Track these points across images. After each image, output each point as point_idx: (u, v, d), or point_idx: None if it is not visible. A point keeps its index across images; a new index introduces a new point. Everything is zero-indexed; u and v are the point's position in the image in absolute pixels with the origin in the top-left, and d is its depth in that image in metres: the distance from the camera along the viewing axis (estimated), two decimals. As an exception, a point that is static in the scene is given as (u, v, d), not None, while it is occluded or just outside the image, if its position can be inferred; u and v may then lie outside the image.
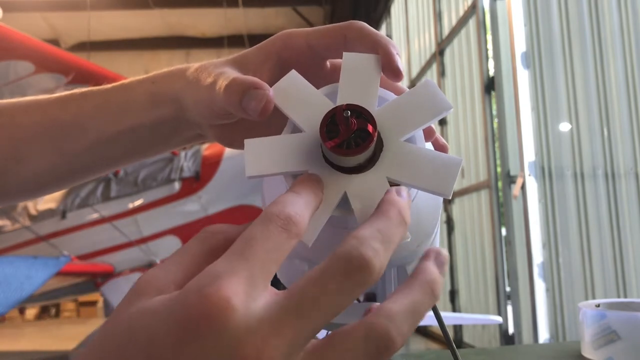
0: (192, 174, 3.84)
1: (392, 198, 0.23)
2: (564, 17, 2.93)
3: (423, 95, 0.27)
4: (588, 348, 0.59)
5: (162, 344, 0.19)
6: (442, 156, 0.25)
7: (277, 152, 0.25)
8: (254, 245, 0.20)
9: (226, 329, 0.18)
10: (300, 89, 0.27)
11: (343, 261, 0.20)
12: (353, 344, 0.20)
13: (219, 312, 0.18)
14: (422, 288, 0.22)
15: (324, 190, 0.24)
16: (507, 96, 3.11)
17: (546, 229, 2.76)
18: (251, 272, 0.20)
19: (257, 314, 0.19)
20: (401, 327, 0.20)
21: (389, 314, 0.20)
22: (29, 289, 3.08)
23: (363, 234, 0.21)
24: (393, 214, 0.22)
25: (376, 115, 0.25)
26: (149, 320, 0.19)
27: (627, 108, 2.86)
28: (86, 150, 0.41)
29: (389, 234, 0.21)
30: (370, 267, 0.20)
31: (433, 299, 0.22)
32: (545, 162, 2.81)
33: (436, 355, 0.65)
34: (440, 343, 4.13)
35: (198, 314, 0.18)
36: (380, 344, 0.20)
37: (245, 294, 0.19)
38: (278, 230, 0.21)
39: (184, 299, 0.19)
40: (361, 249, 0.20)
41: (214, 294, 0.19)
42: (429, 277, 0.22)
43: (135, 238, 3.89)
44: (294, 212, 0.22)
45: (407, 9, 5.10)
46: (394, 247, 0.22)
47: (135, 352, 0.19)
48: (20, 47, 3.14)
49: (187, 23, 8.05)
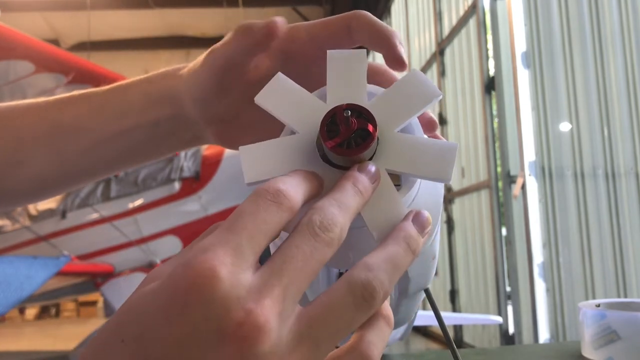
0: (192, 174, 3.83)
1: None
2: (564, 16, 2.93)
3: (411, 85, 0.27)
4: (588, 348, 0.59)
5: (154, 318, 0.19)
6: (438, 143, 0.25)
7: (274, 155, 0.25)
8: (242, 218, 0.21)
9: (214, 299, 0.18)
10: (289, 90, 0.27)
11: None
12: (339, 299, 0.20)
13: (205, 281, 0.18)
14: (397, 242, 0.23)
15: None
16: (507, 96, 3.11)
17: (546, 228, 2.76)
18: (238, 243, 0.20)
19: (246, 283, 0.19)
20: (379, 275, 0.21)
21: (366, 265, 0.21)
22: (29, 289, 3.08)
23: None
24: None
25: (369, 109, 0.25)
26: (143, 298, 0.20)
27: (627, 108, 2.86)
28: (84, 152, 0.41)
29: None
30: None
31: (409, 253, 0.23)
32: (545, 162, 2.81)
33: (436, 355, 0.65)
34: (440, 343, 4.13)
35: (185, 286, 0.19)
36: (365, 293, 0.21)
37: (232, 265, 0.19)
38: (267, 203, 0.21)
39: (172, 272, 0.19)
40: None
41: (199, 265, 0.19)
42: (403, 232, 0.23)
43: (135, 238, 3.89)
44: (284, 187, 0.22)
45: (407, 9, 5.10)
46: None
47: (130, 331, 0.19)
48: (20, 47, 3.14)
49: (187, 23, 8.05)
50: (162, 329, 0.19)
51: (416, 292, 0.31)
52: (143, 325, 0.19)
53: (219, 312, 0.18)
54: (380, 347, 0.22)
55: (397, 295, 0.31)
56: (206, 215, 3.76)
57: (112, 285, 3.89)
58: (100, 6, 7.15)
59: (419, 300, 0.35)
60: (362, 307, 0.21)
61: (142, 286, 0.21)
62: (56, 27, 7.94)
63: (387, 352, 0.54)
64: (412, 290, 0.31)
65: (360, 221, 0.25)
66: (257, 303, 0.19)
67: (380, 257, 0.22)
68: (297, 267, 0.20)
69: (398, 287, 0.31)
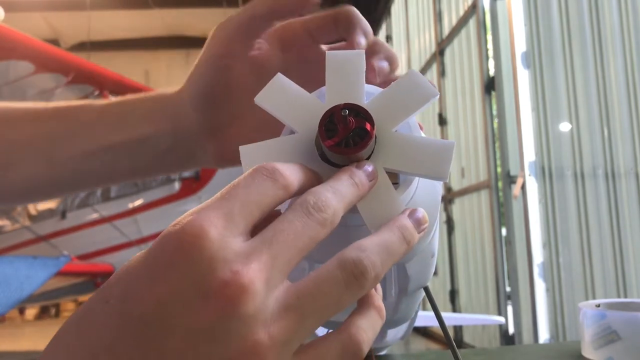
0: (192, 174, 3.84)
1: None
2: (564, 16, 2.93)
3: (409, 85, 0.27)
4: (588, 348, 0.59)
5: (138, 277, 0.19)
6: (435, 141, 0.26)
7: (273, 155, 0.26)
8: (235, 188, 0.21)
9: (200, 258, 0.18)
10: (288, 91, 0.28)
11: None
12: (329, 274, 0.21)
13: (193, 240, 0.18)
14: (391, 230, 0.23)
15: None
16: (507, 96, 3.11)
17: (546, 229, 2.76)
18: (230, 209, 0.20)
19: (235, 248, 0.19)
20: (371, 256, 0.21)
21: (359, 246, 0.22)
22: (29, 289, 3.08)
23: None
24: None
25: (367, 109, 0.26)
26: (132, 261, 0.20)
27: (627, 108, 2.86)
28: (75, 161, 0.41)
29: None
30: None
31: (403, 243, 0.23)
32: (545, 162, 2.81)
33: (436, 355, 0.65)
34: (440, 343, 4.13)
35: (172, 244, 0.19)
36: (355, 270, 0.21)
37: (223, 227, 0.19)
38: (262, 177, 0.21)
39: (162, 234, 0.19)
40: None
41: (188, 224, 0.19)
42: (399, 223, 0.23)
43: (135, 238, 3.89)
44: (281, 167, 0.22)
45: (407, 9, 5.10)
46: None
47: (115, 292, 0.19)
48: (20, 47, 3.14)
49: (187, 23, 8.05)
50: (145, 287, 0.18)
51: (416, 290, 0.32)
52: (127, 284, 0.19)
53: (204, 272, 0.18)
54: (369, 334, 0.22)
55: (397, 293, 0.31)
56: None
57: (112, 285, 3.89)
58: (100, 6, 7.15)
59: (419, 299, 0.35)
60: (352, 285, 0.21)
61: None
62: (56, 27, 7.94)
63: (387, 352, 0.54)
64: (412, 288, 0.31)
65: (358, 219, 0.25)
66: (244, 265, 0.19)
67: (374, 240, 0.22)
68: (288, 240, 0.20)
69: (398, 285, 0.31)
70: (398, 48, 5.50)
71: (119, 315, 0.19)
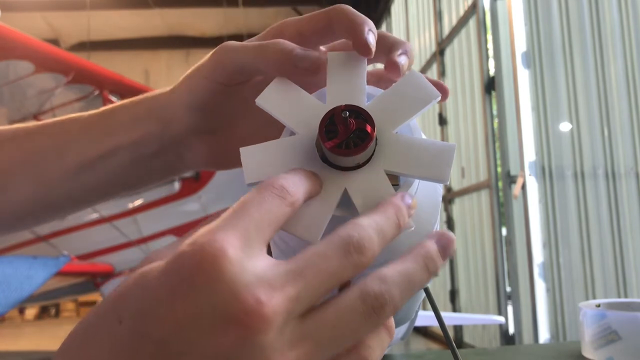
0: (192, 174, 3.83)
1: (394, 201, 0.24)
2: (564, 16, 2.93)
3: (410, 86, 0.27)
4: (588, 348, 0.59)
5: (155, 297, 0.18)
6: (436, 143, 0.26)
7: (274, 156, 0.25)
8: (248, 207, 0.21)
9: (222, 280, 0.18)
10: (289, 92, 0.28)
11: (344, 240, 0.21)
12: (349, 305, 0.20)
13: (213, 260, 0.18)
14: (416, 260, 0.22)
15: (324, 188, 0.25)
16: (507, 96, 3.11)
17: (546, 228, 2.76)
18: (246, 229, 0.20)
19: (256, 271, 0.19)
20: (393, 289, 0.21)
21: (381, 277, 0.21)
22: (29, 289, 3.08)
23: (362, 222, 0.22)
24: (390, 213, 0.23)
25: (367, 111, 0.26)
26: (143, 279, 0.19)
27: (627, 108, 2.86)
28: (65, 177, 0.39)
29: (385, 230, 0.22)
30: (365, 250, 0.21)
31: (427, 273, 0.22)
32: (545, 162, 2.81)
33: (436, 355, 0.65)
34: (440, 343, 4.13)
35: (192, 264, 0.18)
36: (375, 304, 0.20)
37: (241, 249, 0.19)
38: (272, 196, 0.21)
39: (177, 252, 0.19)
40: (361, 233, 0.21)
41: (207, 244, 0.18)
42: (424, 251, 0.23)
43: (135, 238, 3.89)
44: (287, 184, 0.22)
45: (407, 9, 5.10)
46: (386, 242, 0.22)
47: (129, 311, 0.19)
48: (20, 47, 3.14)
49: (187, 23, 8.05)
50: (165, 308, 0.18)
51: None
52: (144, 303, 0.18)
53: (225, 296, 0.18)
54: (378, 353, 0.22)
55: None
56: (206, 215, 3.76)
57: (112, 285, 3.89)
58: (100, 6, 7.15)
59: (419, 299, 0.35)
60: (371, 318, 0.20)
61: (141, 266, 0.21)
62: (56, 27, 7.94)
63: (388, 352, 0.54)
64: None
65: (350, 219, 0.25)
66: (268, 296, 0.18)
67: (397, 270, 0.22)
68: (319, 276, 0.20)
69: None
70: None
71: (134, 335, 0.18)
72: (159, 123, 0.37)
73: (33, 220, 0.43)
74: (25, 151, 0.40)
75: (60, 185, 0.40)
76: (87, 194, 0.41)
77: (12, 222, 0.42)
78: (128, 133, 0.38)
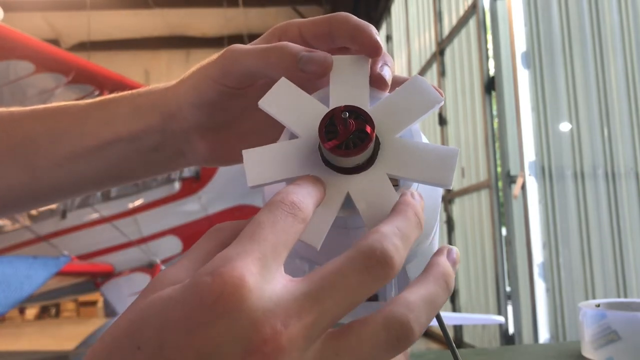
0: (192, 174, 3.83)
1: (408, 200, 0.23)
2: (564, 17, 2.93)
3: (413, 90, 0.27)
4: (588, 348, 0.59)
5: (176, 327, 0.18)
6: (439, 148, 0.26)
7: (277, 159, 0.25)
8: (262, 229, 0.20)
9: (242, 309, 0.18)
10: (292, 95, 0.27)
11: (365, 254, 0.20)
12: (373, 332, 0.20)
13: (233, 290, 0.18)
14: (437, 280, 0.22)
15: (327, 192, 0.25)
16: (507, 96, 3.11)
17: (546, 229, 2.76)
18: (263, 253, 0.20)
19: (274, 296, 0.19)
20: (419, 317, 0.20)
21: (407, 304, 0.20)
22: (29, 289, 3.08)
23: (384, 230, 0.21)
24: (410, 214, 0.23)
25: (370, 114, 0.26)
26: (162, 306, 0.19)
27: (627, 108, 2.86)
28: (55, 165, 0.38)
29: (408, 233, 0.22)
30: (391, 262, 0.20)
31: (447, 292, 0.22)
32: (545, 162, 2.81)
33: (436, 355, 0.65)
34: (440, 343, 4.13)
35: (212, 294, 0.18)
36: (401, 333, 0.20)
37: (260, 275, 0.19)
38: (284, 214, 0.21)
39: (197, 281, 0.19)
40: (384, 244, 0.20)
41: (227, 274, 0.18)
42: (443, 270, 0.23)
43: (135, 238, 3.89)
44: (298, 199, 0.22)
45: (408, 9, 5.10)
46: (410, 246, 0.22)
47: (148, 339, 0.19)
48: (20, 47, 3.15)
49: (187, 23, 8.05)
50: (185, 339, 0.18)
51: None
52: (164, 333, 0.18)
53: (245, 326, 0.18)
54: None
55: (397, 295, 0.31)
56: (206, 215, 3.76)
57: (112, 285, 3.89)
58: (100, 6, 7.15)
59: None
60: (394, 346, 0.20)
61: (153, 291, 0.20)
62: (56, 27, 7.94)
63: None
64: None
65: (359, 221, 0.25)
66: (285, 325, 0.18)
67: (422, 295, 0.21)
68: (338, 298, 0.19)
69: (398, 287, 0.31)
70: (398, 48, 5.50)
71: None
72: (161, 117, 0.37)
73: (23, 207, 0.42)
74: (13, 136, 0.39)
75: (48, 174, 0.39)
76: (76, 184, 0.40)
77: (1, 208, 0.41)
78: (128, 125, 0.37)
